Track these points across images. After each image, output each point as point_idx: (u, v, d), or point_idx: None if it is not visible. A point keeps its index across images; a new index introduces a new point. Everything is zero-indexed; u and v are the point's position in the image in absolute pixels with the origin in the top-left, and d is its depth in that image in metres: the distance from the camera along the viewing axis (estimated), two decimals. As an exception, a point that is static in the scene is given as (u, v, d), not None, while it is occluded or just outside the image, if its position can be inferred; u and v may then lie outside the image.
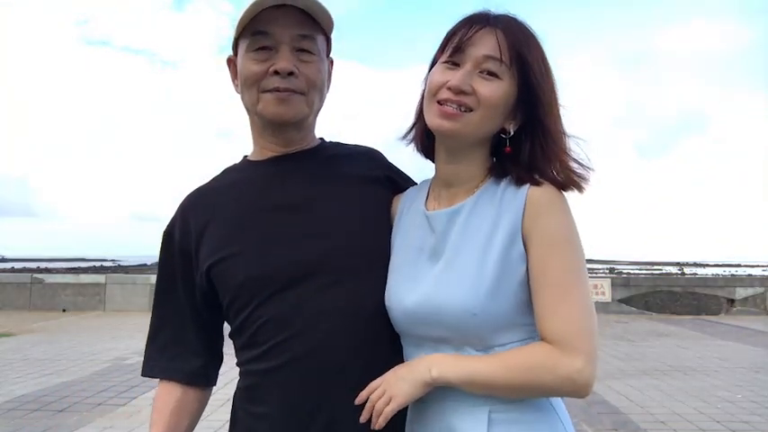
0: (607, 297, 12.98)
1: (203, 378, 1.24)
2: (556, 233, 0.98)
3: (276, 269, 1.11)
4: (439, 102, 1.02)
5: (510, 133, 1.05)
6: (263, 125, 1.21)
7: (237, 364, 1.19)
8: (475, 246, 1.00)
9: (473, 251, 1.00)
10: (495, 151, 1.10)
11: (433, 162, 1.15)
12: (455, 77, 1.00)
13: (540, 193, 1.00)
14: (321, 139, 1.32)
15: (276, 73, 1.12)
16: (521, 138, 1.06)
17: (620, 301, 13.01)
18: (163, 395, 1.22)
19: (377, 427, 1.00)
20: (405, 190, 1.24)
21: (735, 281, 14.55)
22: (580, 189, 1.04)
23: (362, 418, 1.02)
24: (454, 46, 1.02)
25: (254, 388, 1.14)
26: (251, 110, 1.20)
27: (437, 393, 1.02)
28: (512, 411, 0.99)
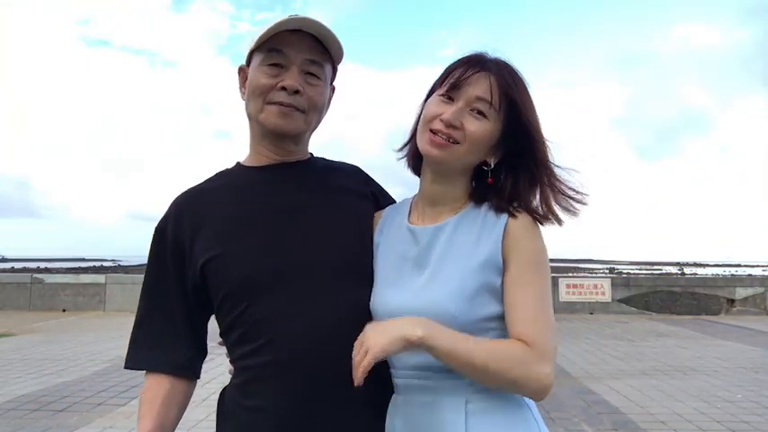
0: (607, 297, 12.99)
1: (191, 370, 1.27)
2: (531, 258, 1.13)
3: (274, 268, 1.18)
4: (431, 130, 1.15)
5: (491, 166, 1.19)
6: (263, 134, 1.29)
7: (231, 361, 1.23)
8: (458, 259, 1.13)
9: (457, 263, 1.13)
10: (477, 178, 1.24)
11: (419, 178, 1.28)
12: (448, 112, 1.14)
13: (517, 225, 1.14)
14: (310, 153, 1.40)
15: (283, 89, 1.23)
16: (500, 171, 1.21)
17: (620, 301, 13.01)
18: (152, 387, 1.23)
19: (355, 383, 1.01)
20: (383, 206, 1.36)
21: (735, 281, 14.56)
22: (560, 222, 1.18)
23: (354, 378, 1.02)
24: (452, 83, 1.15)
25: (249, 382, 1.18)
26: (253, 117, 1.28)
27: (414, 385, 1.12)
28: (487, 401, 1.09)
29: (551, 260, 1.21)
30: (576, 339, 9.28)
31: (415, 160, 1.27)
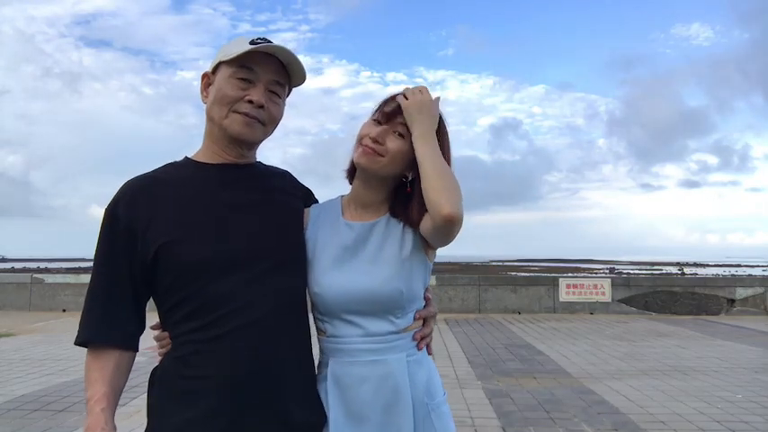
0: (607, 297, 12.99)
1: (135, 343, 1.38)
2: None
3: (226, 254, 1.33)
4: (362, 145, 1.44)
5: (408, 178, 1.48)
6: (222, 136, 1.44)
7: (172, 337, 1.34)
8: (393, 246, 1.43)
9: (393, 250, 1.43)
10: (399, 187, 1.51)
11: (350, 185, 1.56)
12: (376, 131, 1.43)
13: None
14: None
15: (250, 102, 1.39)
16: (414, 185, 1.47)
17: (620, 301, 13.02)
18: (101, 358, 1.33)
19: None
20: (309, 205, 1.59)
21: (735, 281, 14.57)
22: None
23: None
24: (381, 111, 1.45)
25: (191, 355, 1.30)
26: (215, 121, 1.43)
27: (361, 348, 1.38)
28: (417, 355, 1.44)
29: (551, 260, 1.23)
30: (575, 339, 9.29)
31: (350, 172, 1.55)
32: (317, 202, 1.64)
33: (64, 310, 12.70)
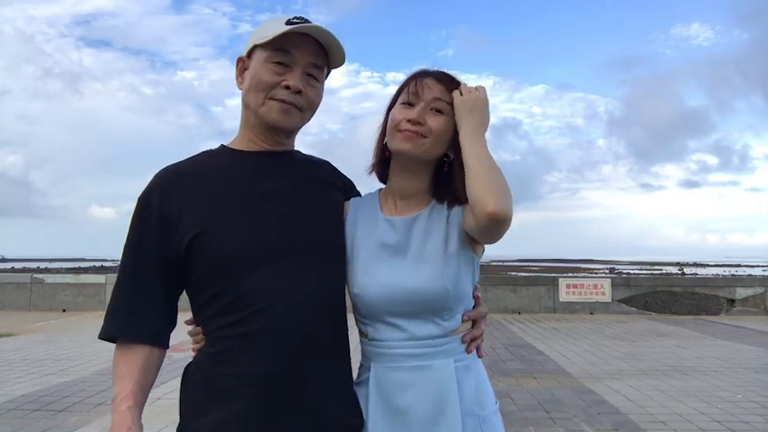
0: (607, 297, 12.99)
1: (165, 340, 1.32)
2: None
3: (261, 245, 1.27)
4: (400, 130, 1.33)
5: (450, 158, 1.37)
6: (259, 124, 1.36)
7: (206, 332, 1.28)
8: (437, 241, 1.33)
9: (437, 245, 1.32)
10: (436, 172, 1.42)
11: (384, 183, 1.47)
12: (413, 113, 1.33)
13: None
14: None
15: (287, 87, 1.31)
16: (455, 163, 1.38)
17: (620, 301, 13.02)
18: (129, 353, 1.27)
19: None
20: (349, 198, 1.50)
21: (735, 281, 14.56)
22: None
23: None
24: (411, 91, 1.35)
25: (225, 352, 1.24)
26: (252, 108, 1.35)
27: (405, 353, 1.29)
28: (466, 360, 1.33)
29: (551, 260, 1.24)
30: (575, 339, 9.29)
31: (381, 167, 1.46)
32: (359, 194, 1.55)
33: (64, 310, 12.70)
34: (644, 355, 7.89)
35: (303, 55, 1.32)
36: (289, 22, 1.30)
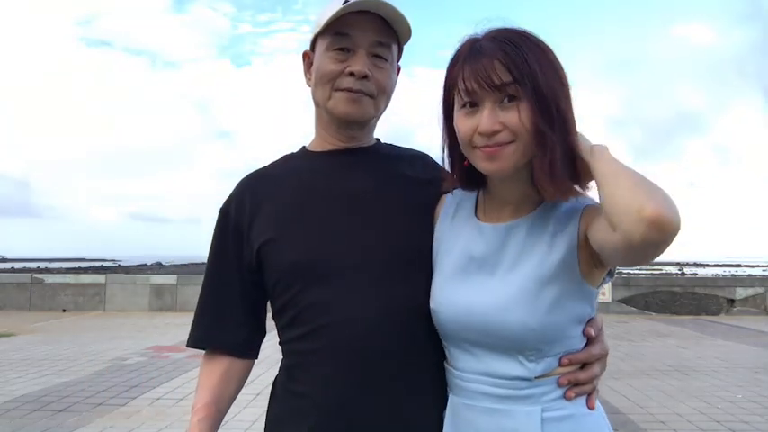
0: (607, 297, 12.99)
1: (248, 350, 1.29)
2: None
3: (327, 256, 1.16)
4: (477, 147, 1.04)
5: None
6: (330, 120, 1.26)
7: (280, 343, 1.23)
8: (531, 261, 1.03)
9: (532, 267, 1.03)
10: None
11: (477, 188, 1.18)
12: (481, 122, 1.01)
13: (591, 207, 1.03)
14: (377, 139, 1.37)
15: (351, 74, 1.19)
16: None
17: (620, 301, 13.01)
18: (211, 363, 1.26)
19: None
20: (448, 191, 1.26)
21: (735, 281, 14.56)
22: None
23: None
24: (465, 89, 1.02)
25: (294, 367, 1.19)
26: (321, 104, 1.26)
27: (484, 390, 1.05)
28: (563, 410, 1.04)
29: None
30: (575, 339, 9.28)
31: (468, 177, 1.15)
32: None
33: (64, 310, 12.69)
34: (644, 354, 7.89)
35: (364, 35, 1.18)
36: (345, 1, 1.16)
